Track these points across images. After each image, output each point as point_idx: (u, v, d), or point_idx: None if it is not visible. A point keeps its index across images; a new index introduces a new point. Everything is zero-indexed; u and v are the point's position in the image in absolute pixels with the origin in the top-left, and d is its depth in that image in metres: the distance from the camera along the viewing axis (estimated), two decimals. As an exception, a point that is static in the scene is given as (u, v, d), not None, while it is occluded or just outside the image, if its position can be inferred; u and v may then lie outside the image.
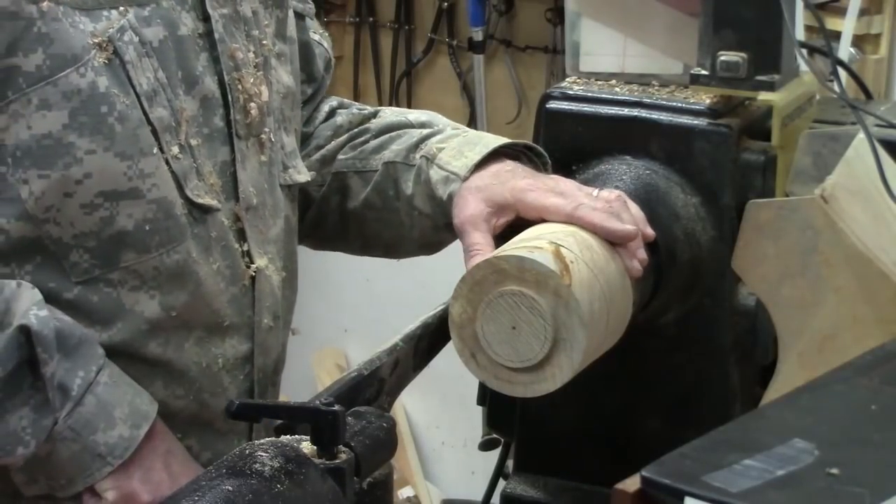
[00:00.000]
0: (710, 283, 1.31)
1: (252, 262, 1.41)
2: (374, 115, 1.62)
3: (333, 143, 1.57)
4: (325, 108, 1.62)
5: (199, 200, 1.36)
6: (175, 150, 1.34)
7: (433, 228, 1.50)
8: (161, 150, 1.32)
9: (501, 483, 1.48)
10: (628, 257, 1.26)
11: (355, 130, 1.59)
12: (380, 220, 1.54)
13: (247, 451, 1.03)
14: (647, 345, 1.33)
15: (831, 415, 0.98)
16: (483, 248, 1.35)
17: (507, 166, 1.42)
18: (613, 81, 1.40)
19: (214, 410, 1.39)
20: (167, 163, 1.33)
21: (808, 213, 1.22)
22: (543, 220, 1.30)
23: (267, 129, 1.44)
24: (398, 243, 1.57)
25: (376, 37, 3.53)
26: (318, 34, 1.62)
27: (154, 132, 1.32)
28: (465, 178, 1.43)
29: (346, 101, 1.66)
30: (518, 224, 1.35)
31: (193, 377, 1.38)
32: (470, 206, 1.40)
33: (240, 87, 1.40)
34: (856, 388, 1.02)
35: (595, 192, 1.31)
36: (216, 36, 1.38)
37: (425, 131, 1.55)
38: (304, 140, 1.59)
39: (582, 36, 1.43)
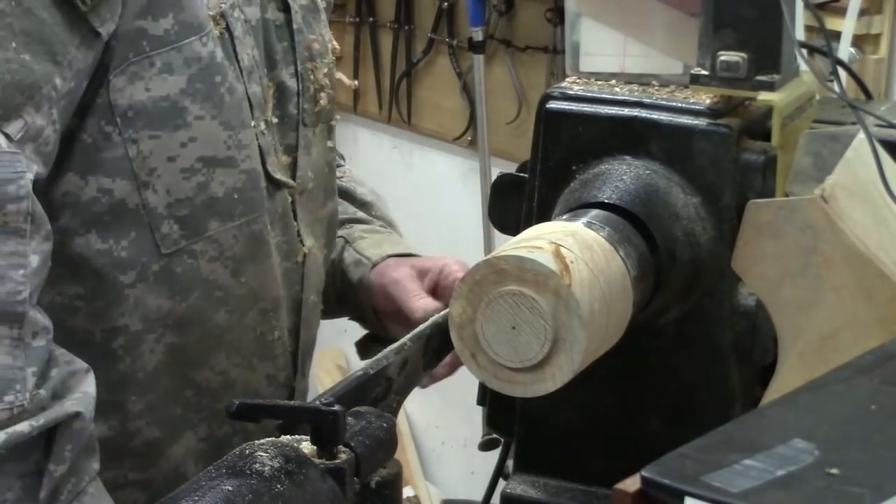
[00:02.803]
0: (710, 283, 1.31)
1: (303, 243, 1.47)
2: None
3: None
4: None
5: (276, 175, 1.41)
6: (262, 125, 1.39)
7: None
8: (254, 124, 1.37)
9: (501, 483, 1.48)
10: None
11: None
12: None
13: (247, 451, 1.03)
14: (647, 345, 1.33)
15: (831, 415, 0.98)
16: (421, 292, 1.53)
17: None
18: (613, 81, 1.40)
19: (261, 376, 1.46)
20: (256, 137, 1.37)
21: (808, 213, 1.22)
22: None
23: (338, 117, 1.50)
24: None
25: (376, 37, 3.54)
26: None
27: (250, 106, 1.37)
28: (375, 264, 1.58)
29: None
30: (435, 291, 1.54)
31: (249, 343, 1.42)
32: (400, 269, 1.57)
33: (312, 77, 1.45)
34: (856, 388, 1.02)
35: None
36: (294, 26, 1.44)
37: (360, 214, 1.66)
38: None
39: (582, 36, 1.43)
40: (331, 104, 1.49)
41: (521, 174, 1.41)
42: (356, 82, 3.53)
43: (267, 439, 1.06)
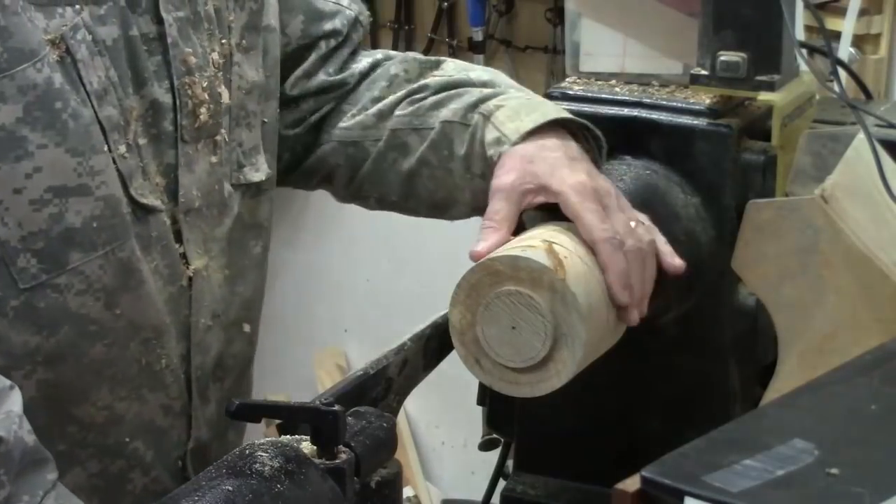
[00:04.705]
0: (710, 283, 1.31)
1: (189, 264, 1.41)
2: (437, 65, 1.57)
3: (391, 98, 1.54)
4: (366, 61, 1.59)
5: (143, 200, 1.35)
6: (122, 149, 1.33)
7: (484, 192, 1.42)
8: (109, 148, 1.32)
9: (501, 483, 1.48)
10: (623, 313, 1.24)
11: (414, 86, 1.54)
12: (433, 179, 1.51)
13: (247, 451, 1.03)
14: (647, 345, 1.33)
15: (831, 415, 0.98)
16: (500, 220, 1.31)
17: (561, 144, 1.37)
18: (613, 81, 1.40)
19: (154, 407, 1.39)
20: (114, 161, 1.33)
21: (808, 213, 1.22)
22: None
23: (223, 130, 1.43)
24: (449, 204, 1.53)
25: (376, 37, 3.53)
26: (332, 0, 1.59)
27: (103, 130, 1.32)
28: (514, 143, 1.38)
29: (392, 52, 1.63)
30: (548, 207, 1.31)
31: (134, 375, 1.37)
32: (511, 175, 1.35)
33: (189, 92, 1.39)
34: (856, 388, 1.02)
35: (634, 223, 1.27)
36: (169, 40, 1.37)
37: (486, 91, 1.49)
38: (338, 88, 1.57)
39: (582, 36, 1.43)
40: (213, 119, 1.41)
41: (522, 174, 1.41)
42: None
43: (267, 439, 1.06)
